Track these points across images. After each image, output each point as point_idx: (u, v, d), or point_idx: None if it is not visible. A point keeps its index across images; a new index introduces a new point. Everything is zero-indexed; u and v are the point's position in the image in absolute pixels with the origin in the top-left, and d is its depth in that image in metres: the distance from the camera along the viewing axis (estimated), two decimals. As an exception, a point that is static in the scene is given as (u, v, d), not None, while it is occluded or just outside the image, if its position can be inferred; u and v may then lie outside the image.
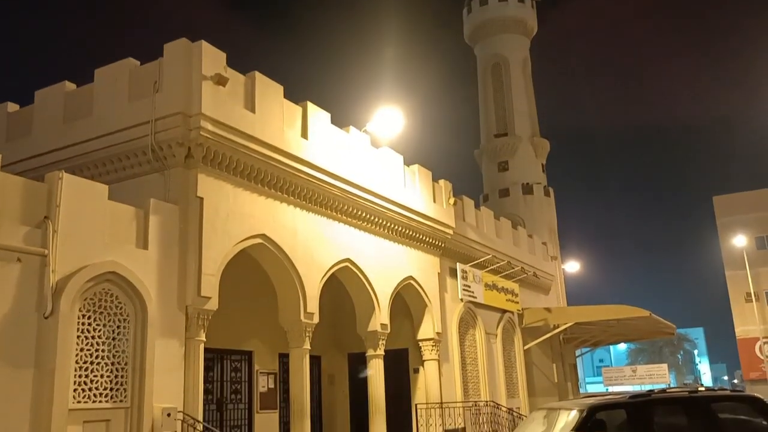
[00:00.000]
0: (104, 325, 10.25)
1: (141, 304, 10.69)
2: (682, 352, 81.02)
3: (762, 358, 41.26)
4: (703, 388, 10.82)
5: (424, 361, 18.77)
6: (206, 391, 13.94)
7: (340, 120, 16.12)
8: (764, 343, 41.73)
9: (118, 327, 10.45)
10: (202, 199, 12.07)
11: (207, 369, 13.75)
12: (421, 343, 18.84)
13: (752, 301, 42.25)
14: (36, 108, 13.99)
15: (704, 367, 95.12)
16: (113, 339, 10.35)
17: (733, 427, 8.90)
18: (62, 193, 9.93)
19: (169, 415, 10.62)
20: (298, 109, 14.76)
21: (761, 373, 40.31)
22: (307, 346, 14.27)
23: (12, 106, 14.72)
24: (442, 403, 18.35)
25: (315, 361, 18.11)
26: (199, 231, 11.91)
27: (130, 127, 12.27)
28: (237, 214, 12.76)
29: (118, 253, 10.58)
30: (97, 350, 10.07)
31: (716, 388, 12.01)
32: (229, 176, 12.76)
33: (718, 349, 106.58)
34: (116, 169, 12.63)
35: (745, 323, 43.46)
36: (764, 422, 9.15)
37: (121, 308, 10.52)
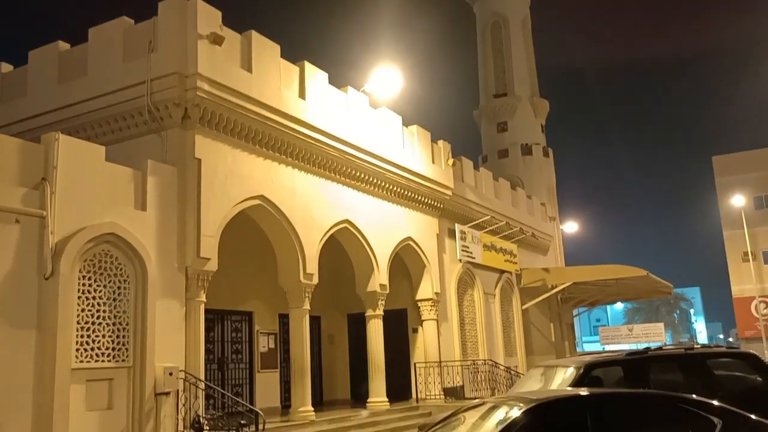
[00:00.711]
0: (105, 286, 10.30)
1: (141, 265, 10.73)
2: (678, 312, 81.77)
3: (757, 316, 41.69)
4: (698, 346, 10.93)
5: (423, 321, 18.94)
6: (207, 351, 14.07)
7: (337, 80, 15.99)
8: (760, 301, 42.13)
9: (119, 288, 10.51)
10: (199, 160, 12.02)
11: (208, 329, 13.87)
12: (419, 304, 18.99)
13: (749, 261, 42.48)
14: (30, 68, 13.82)
15: (700, 326, 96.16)
16: (114, 300, 10.42)
17: (728, 383, 8.99)
18: (59, 154, 9.88)
19: (171, 374, 10.75)
20: (296, 69, 14.59)
21: (756, 332, 40.76)
22: (307, 306, 14.38)
23: (6, 67, 14.55)
24: (440, 362, 18.57)
25: (315, 321, 18.28)
26: (197, 192, 11.88)
27: (125, 88, 12.15)
28: (235, 176, 12.72)
29: (116, 215, 10.58)
30: (98, 311, 10.14)
31: (712, 345, 12.14)
32: (227, 137, 12.68)
33: (713, 308, 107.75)
34: (113, 130, 12.54)
35: (742, 282, 43.80)
36: (759, 378, 9.25)
37: (121, 269, 10.57)
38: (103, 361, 10.10)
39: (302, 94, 14.45)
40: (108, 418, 10.01)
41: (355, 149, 15.86)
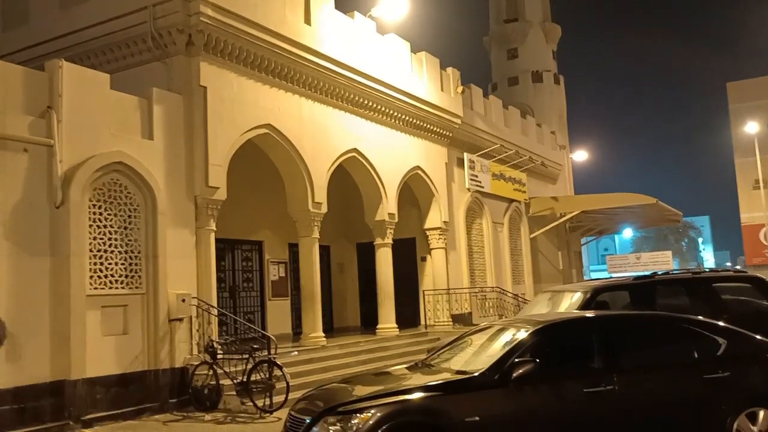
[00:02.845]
0: (115, 215, 10.38)
1: (150, 193, 10.77)
2: (686, 240, 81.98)
3: (765, 243, 41.80)
4: (706, 271, 10.98)
5: (432, 249, 19.09)
6: (219, 280, 14.29)
7: (344, 5, 15.58)
8: (768, 229, 42.12)
9: (129, 216, 10.59)
10: (205, 88, 11.88)
11: (219, 258, 14.04)
12: (428, 233, 19.09)
13: (759, 188, 42.21)
14: (31, -5, 13.52)
15: (708, 255, 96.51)
16: (125, 228, 10.51)
17: (734, 306, 9.08)
18: (63, 82, 9.77)
19: (183, 300, 10.96)
20: (301, -7, 14.21)
21: (764, 259, 40.97)
22: (316, 235, 14.49)
23: (6, -6, 14.24)
24: (449, 289, 18.82)
25: (324, 250, 18.47)
26: (204, 121, 11.80)
27: (128, 14, 11.90)
28: (242, 104, 12.59)
29: (124, 144, 10.55)
30: (110, 239, 10.25)
31: (719, 270, 12.19)
32: (233, 64, 12.48)
33: (722, 237, 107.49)
34: (116, 58, 12.36)
35: (751, 210, 43.67)
36: (766, 302, 9.33)
37: (130, 198, 10.62)
38: (116, 288, 10.27)
39: (308, 20, 14.12)
40: (124, 342, 10.26)
41: (362, 76, 15.61)
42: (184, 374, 10.85)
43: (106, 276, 10.13)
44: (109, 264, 10.20)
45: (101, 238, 10.13)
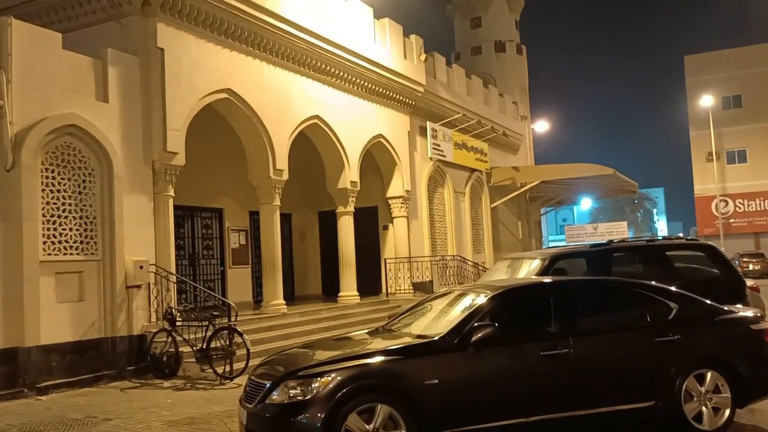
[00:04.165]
0: (69, 179, 10.10)
1: (105, 158, 10.50)
2: (642, 211, 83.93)
3: (717, 215, 43.02)
4: (660, 239, 11.24)
5: (394, 218, 19.13)
6: (178, 247, 14.13)
7: (306, -33, 15.22)
8: (720, 200, 43.36)
9: (84, 181, 10.32)
10: (162, 50, 11.56)
11: (178, 225, 13.84)
12: (390, 201, 19.11)
13: (713, 161, 43.37)
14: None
15: (662, 225, 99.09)
16: (80, 193, 10.25)
17: (687, 273, 9.30)
18: (13, 40, 9.41)
19: (141, 267, 10.79)
20: (261, -45, 13.86)
21: (715, 229, 42.20)
22: (277, 202, 14.36)
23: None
24: (410, 257, 18.93)
25: (286, 218, 18.35)
26: (161, 84, 11.50)
27: (80, -30, 11.45)
28: (201, 67, 12.30)
29: (77, 106, 10.23)
30: (63, 204, 9.99)
31: (672, 238, 12.48)
32: (191, 26, 12.16)
33: (675, 208, 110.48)
34: (69, 17, 11.93)
35: (704, 182, 44.87)
36: (715, 271, 9.60)
37: (85, 162, 10.34)
38: (71, 254, 10.05)
39: (269, -18, 13.80)
40: (80, 309, 10.08)
41: (324, 42, 15.38)
42: (143, 341, 10.74)
43: (60, 242, 9.90)
44: (63, 230, 9.96)
45: (54, 203, 9.87)
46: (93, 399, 9.11)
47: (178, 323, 10.51)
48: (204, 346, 10.14)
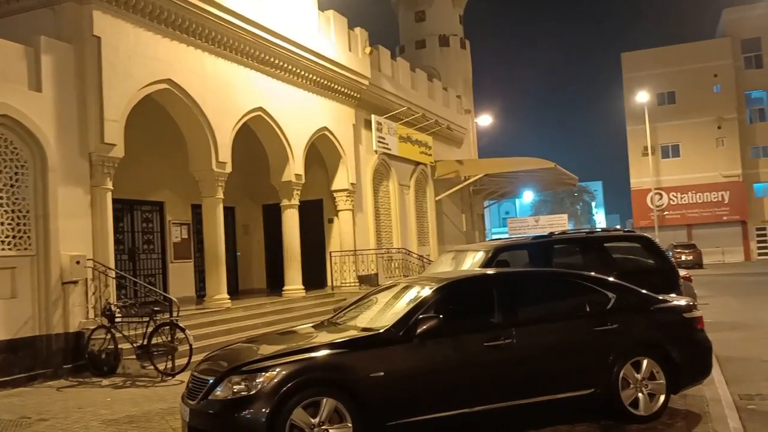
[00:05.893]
0: (0, 171, 9.69)
1: (38, 149, 10.12)
2: (581, 204, 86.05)
3: (652, 207, 44.51)
4: (598, 231, 11.57)
5: (339, 211, 19.09)
6: (117, 242, 13.75)
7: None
8: (655, 193, 44.88)
9: (16, 174, 9.93)
10: (99, 38, 11.20)
11: (117, 219, 13.46)
12: (335, 194, 19.05)
13: (648, 155, 44.86)
14: None
15: (600, 217, 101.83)
16: (11, 186, 9.86)
17: (624, 263, 9.64)
18: (-64, 25, 8.95)
19: (78, 262, 10.46)
20: (203, -58, 13.55)
21: (650, 221, 43.61)
22: (220, 195, 14.13)
23: None
24: (355, 250, 18.93)
25: (229, 211, 18.08)
26: (98, 73, 11.14)
27: (10, -46, 10.98)
28: (140, 57, 11.96)
29: (8, 95, 9.82)
30: (-6, 197, 9.59)
31: (610, 230, 12.87)
32: (129, 14, 11.81)
33: (613, 201, 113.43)
34: (-2, 2, 11.41)
35: (640, 176, 46.39)
36: (650, 261, 9.94)
37: (17, 154, 9.95)
38: (3, 249, 9.67)
39: (210, -29, 13.51)
40: (12, 306, 9.71)
41: (267, 32, 15.17)
42: (80, 339, 10.43)
43: (-10, 237, 9.50)
44: (-6, 224, 9.57)
45: (-16, 197, 9.47)
46: (27, 399, 8.79)
47: (117, 319, 10.23)
48: (145, 343, 9.91)
